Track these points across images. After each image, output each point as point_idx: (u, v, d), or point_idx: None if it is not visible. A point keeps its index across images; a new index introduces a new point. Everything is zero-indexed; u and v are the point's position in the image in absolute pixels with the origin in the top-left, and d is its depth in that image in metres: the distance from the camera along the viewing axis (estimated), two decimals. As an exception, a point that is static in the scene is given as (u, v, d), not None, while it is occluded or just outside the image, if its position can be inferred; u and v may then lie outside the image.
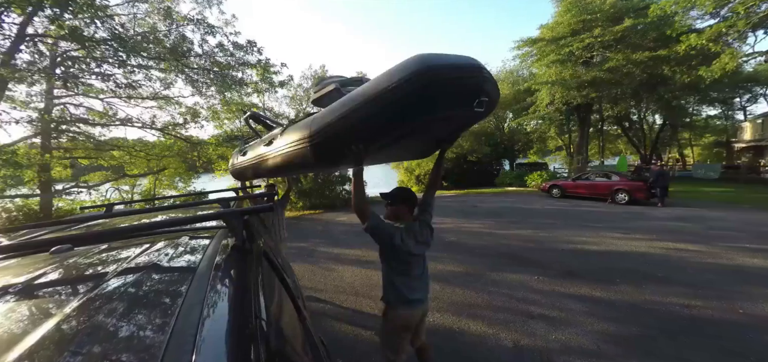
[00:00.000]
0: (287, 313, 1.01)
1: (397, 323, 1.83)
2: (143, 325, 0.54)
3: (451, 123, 1.70)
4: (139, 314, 0.57)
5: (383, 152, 2.03)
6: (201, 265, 0.79)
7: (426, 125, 1.55)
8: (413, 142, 1.90)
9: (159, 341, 0.48)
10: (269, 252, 1.36)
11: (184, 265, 0.84)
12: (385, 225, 1.74)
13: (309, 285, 4.28)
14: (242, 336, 0.56)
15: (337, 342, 2.89)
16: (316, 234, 7.67)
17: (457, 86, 1.32)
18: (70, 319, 0.54)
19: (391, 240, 1.71)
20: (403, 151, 2.28)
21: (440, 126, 1.69)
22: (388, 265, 1.83)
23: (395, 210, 1.89)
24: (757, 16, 9.87)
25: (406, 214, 1.88)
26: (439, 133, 1.85)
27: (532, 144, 24.09)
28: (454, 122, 1.71)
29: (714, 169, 19.20)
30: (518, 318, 3.23)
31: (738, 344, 2.73)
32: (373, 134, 1.54)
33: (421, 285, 1.86)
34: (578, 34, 14.82)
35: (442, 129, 1.79)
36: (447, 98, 1.35)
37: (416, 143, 2.01)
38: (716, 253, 5.14)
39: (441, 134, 1.91)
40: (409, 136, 1.69)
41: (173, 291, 0.66)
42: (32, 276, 0.77)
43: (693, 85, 14.20)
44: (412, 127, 1.53)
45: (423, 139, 1.93)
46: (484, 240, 6.33)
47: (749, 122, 23.34)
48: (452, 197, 14.08)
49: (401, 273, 1.80)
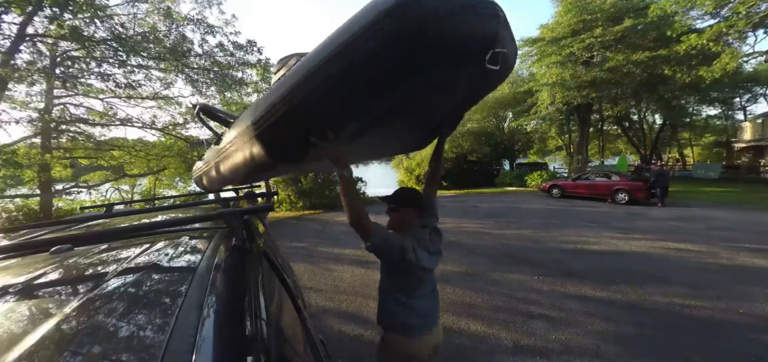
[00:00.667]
0: (287, 313, 1.01)
1: (403, 355, 1.42)
2: (143, 325, 0.54)
3: (452, 91, 1.18)
4: (139, 314, 0.57)
5: (364, 144, 1.54)
6: (201, 265, 0.79)
7: (413, 97, 1.07)
8: (400, 126, 1.42)
9: (159, 341, 0.48)
10: (269, 252, 1.36)
11: (184, 265, 0.84)
12: (393, 239, 1.36)
13: (309, 285, 4.28)
14: (242, 336, 0.56)
15: (337, 342, 2.89)
16: (316, 234, 7.66)
17: (460, 29, 0.86)
18: (70, 319, 0.54)
19: (404, 256, 1.33)
20: (390, 141, 1.74)
21: (436, 99, 1.19)
22: (393, 284, 1.45)
23: (402, 216, 1.50)
24: (757, 16, 9.86)
25: (414, 220, 1.50)
26: (436, 110, 1.36)
27: (532, 144, 24.11)
28: (456, 90, 1.17)
29: (714, 169, 19.19)
30: (518, 318, 3.23)
31: (738, 344, 2.73)
32: (336, 114, 1.07)
33: (433, 305, 1.51)
34: (578, 34, 14.81)
35: (440, 103, 1.27)
36: (445, 48, 0.88)
37: (406, 129, 1.52)
38: (716, 253, 5.13)
39: (438, 112, 1.40)
40: (392, 118, 1.21)
41: (173, 291, 0.66)
42: (32, 276, 0.77)
43: (693, 85, 14.20)
44: (394, 101, 1.06)
45: (413, 122, 1.43)
46: (484, 240, 6.32)
47: (749, 122, 23.33)
48: (452, 197, 14.08)
49: (410, 293, 1.41)
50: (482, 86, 1.24)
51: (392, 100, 1.05)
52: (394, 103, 1.08)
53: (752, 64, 17.05)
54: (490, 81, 1.18)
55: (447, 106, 1.38)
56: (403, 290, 1.42)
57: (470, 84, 1.14)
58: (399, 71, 0.91)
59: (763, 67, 19.06)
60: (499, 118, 22.80)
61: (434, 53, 0.88)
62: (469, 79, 1.09)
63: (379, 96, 1.01)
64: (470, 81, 1.11)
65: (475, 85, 1.18)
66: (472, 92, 1.29)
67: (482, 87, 1.25)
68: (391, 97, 1.03)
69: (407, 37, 0.84)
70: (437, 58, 0.89)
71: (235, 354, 0.50)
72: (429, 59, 0.89)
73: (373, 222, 1.33)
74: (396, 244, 1.34)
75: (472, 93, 1.30)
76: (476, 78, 1.08)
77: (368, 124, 1.22)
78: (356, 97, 1.00)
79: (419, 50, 0.86)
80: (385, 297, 1.49)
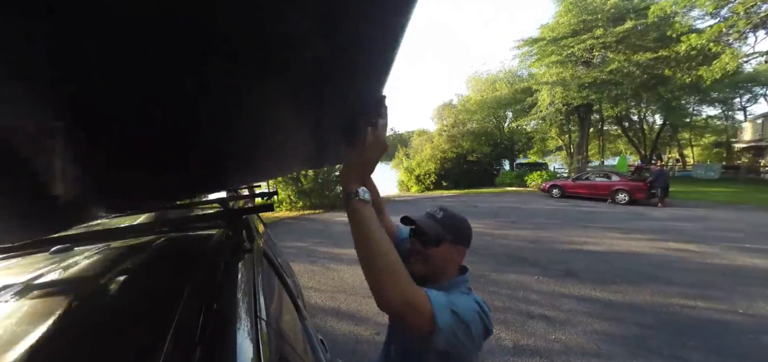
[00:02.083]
0: (287, 313, 1.01)
1: None
2: (143, 325, 0.54)
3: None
4: (138, 314, 0.57)
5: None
6: (201, 265, 0.79)
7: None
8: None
9: (159, 341, 0.48)
10: (269, 252, 1.36)
11: (184, 265, 0.84)
12: (469, 311, 0.72)
13: (309, 285, 4.28)
14: (242, 336, 0.56)
15: (337, 343, 2.89)
16: (316, 234, 7.66)
17: None
18: (70, 319, 0.54)
19: (487, 331, 0.78)
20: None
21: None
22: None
23: (446, 253, 0.90)
24: (757, 16, 9.87)
25: (456, 265, 0.93)
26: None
27: (532, 144, 24.12)
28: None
29: (714, 169, 19.20)
30: (518, 318, 3.23)
31: (738, 344, 2.73)
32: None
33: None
34: (579, 34, 14.83)
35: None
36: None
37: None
38: (716, 253, 5.13)
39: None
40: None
41: (173, 291, 0.66)
42: (32, 276, 0.77)
43: (693, 85, 14.22)
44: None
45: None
46: (484, 240, 6.32)
47: (749, 122, 23.34)
48: (452, 197, 14.08)
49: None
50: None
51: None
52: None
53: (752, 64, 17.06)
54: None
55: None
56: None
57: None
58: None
59: (763, 68, 19.06)
60: (499, 118, 22.82)
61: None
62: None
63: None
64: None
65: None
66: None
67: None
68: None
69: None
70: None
71: (236, 354, 0.50)
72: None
73: (426, 292, 0.67)
74: (477, 319, 0.73)
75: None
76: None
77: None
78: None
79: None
80: None
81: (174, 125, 0.48)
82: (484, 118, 22.03)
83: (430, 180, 18.52)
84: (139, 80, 0.35)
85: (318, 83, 0.53)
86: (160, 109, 0.43)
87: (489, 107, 21.16)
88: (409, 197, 14.93)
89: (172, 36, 0.31)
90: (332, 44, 0.43)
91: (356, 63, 0.52)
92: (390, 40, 0.49)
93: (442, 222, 0.90)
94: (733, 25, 10.20)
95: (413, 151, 24.71)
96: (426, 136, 26.10)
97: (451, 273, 0.91)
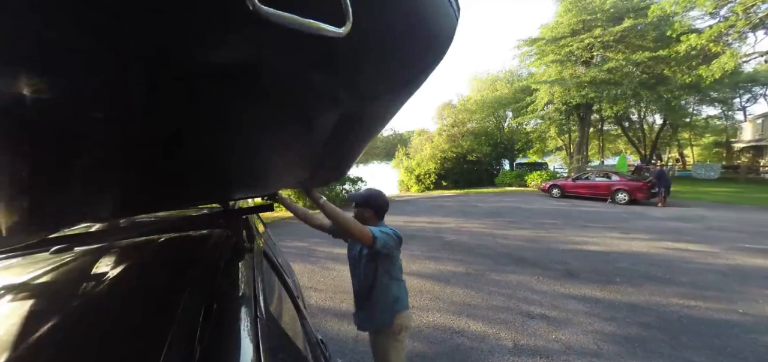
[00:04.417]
0: (287, 313, 1.01)
1: (408, 327, 1.69)
2: (143, 325, 0.54)
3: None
4: (138, 313, 0.57)
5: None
6: (201, 265, 0.79)
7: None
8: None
9: (159, 341, 0.48)
10: (269, 252, 1.36)
11: (184, 265, 0.84)
12: (385, 230, 1.54)
13: (309, 285, 4.28)
14: (242, 336, 0.56)
15: (337, 342, 2.89)
16: (316, 234, 7.63)
17: None
18: (70, 319, 0.54)
19: (400, 240, 1.58)
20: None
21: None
22: (388, 271, 1.61)
23: (367, 212, 1.69)
24: (757, 16, 9.88)
25: (374, 216, 1.70)
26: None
27: (532, 144, 24.12)
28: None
29: (714, 169, 19.20)
30: (518, 318, 3.23)
31: (738, 344, 2.73)
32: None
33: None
34: (578, 33, 14.83)
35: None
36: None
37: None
38: (716, 253, 5.14)
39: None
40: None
41: (173, 290, 0.66)
42: (32, 276, 0.77)
43: (693, 85, 14.22)
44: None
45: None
46: (484, 240, 6.32)
47: (749, 122, 23.35)
48: (452, 197, 14.07)
49: (401, 268, 1.69)
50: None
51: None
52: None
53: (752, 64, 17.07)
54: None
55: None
56: (398, 269, 1.68)
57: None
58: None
59: (763, 68, 19.08)
60: (498, 118, 22.81)
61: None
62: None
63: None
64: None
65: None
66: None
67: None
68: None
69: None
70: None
71: (236, 354, 0.50)
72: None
73: (363, 225, 1.48)
74: (392, 234, 1.54)
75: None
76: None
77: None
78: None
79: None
80: (386, 291, 1.61)
81: (175, 135, 0.48)
82: (484, 118, 22.03)
83: (430, 180, 18.50)
84: (141, 90, 0.36)
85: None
86: (163, 117, 0.43)
87: (489, 107, 21.16)
88: (408, 197, 14.93)
89: (175, 65, 0.33)
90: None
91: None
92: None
93: (365, 199, 1.71)
94: (732, 25, 10.20)
95: (413, 151, 24.70)
96: (426, 135, 26.08)
97: (374, 221, 1.67)
